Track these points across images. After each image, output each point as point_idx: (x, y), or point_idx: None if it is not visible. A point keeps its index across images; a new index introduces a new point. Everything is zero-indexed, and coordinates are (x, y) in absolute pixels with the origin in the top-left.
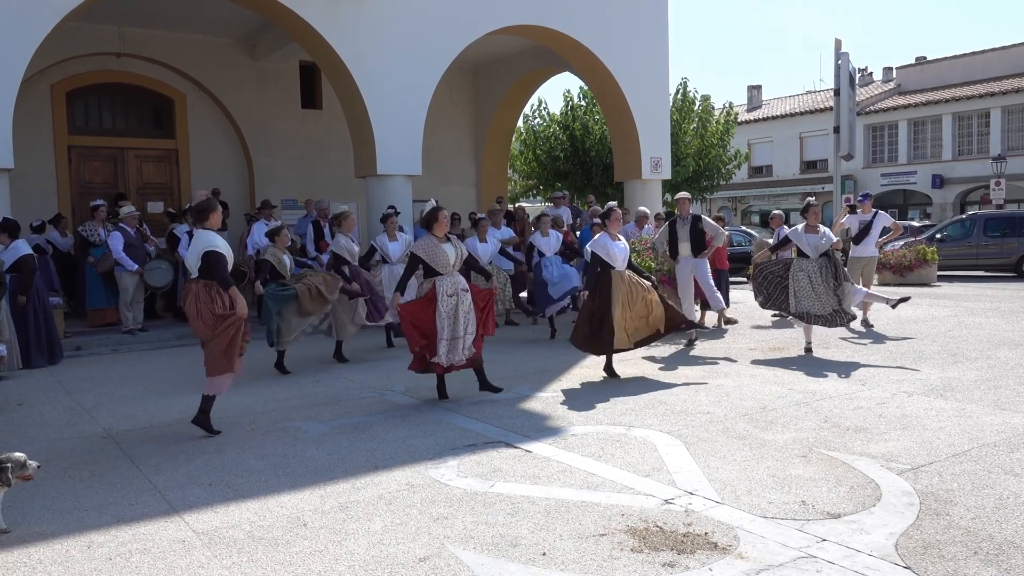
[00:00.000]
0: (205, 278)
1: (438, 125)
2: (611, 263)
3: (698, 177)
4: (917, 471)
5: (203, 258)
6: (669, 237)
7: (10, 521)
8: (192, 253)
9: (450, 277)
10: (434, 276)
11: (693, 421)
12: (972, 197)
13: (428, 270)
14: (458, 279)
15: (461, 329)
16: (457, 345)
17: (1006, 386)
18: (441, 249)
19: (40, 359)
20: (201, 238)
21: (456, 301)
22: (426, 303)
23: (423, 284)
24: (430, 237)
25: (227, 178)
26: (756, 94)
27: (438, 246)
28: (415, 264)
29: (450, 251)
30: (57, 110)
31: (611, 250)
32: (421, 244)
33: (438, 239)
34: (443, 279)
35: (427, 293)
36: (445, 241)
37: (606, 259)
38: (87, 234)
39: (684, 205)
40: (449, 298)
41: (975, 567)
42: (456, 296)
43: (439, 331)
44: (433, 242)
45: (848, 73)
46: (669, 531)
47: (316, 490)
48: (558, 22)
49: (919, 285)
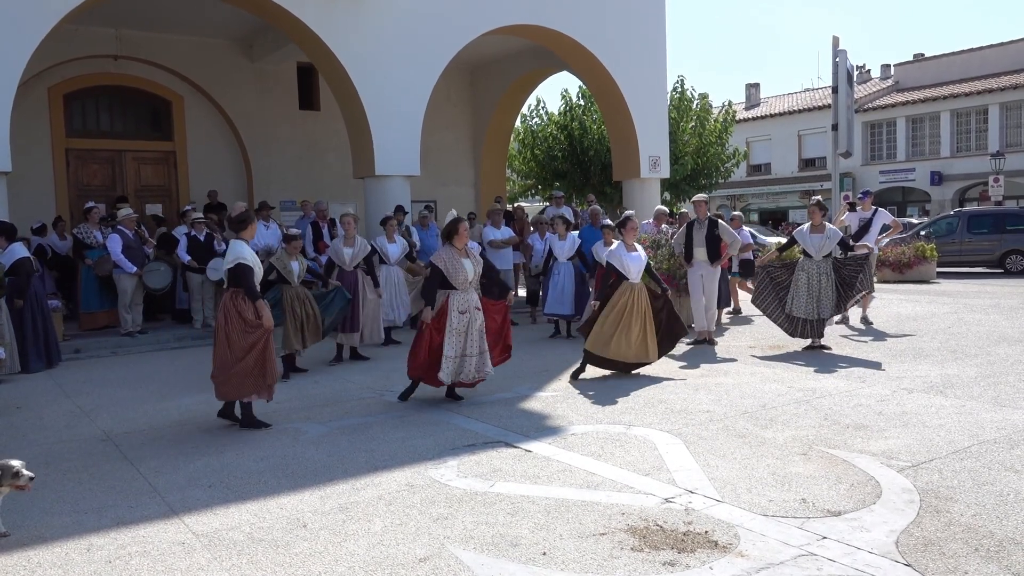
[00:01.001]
0: (234, 287)
1: (436, 125)
2: (625, 274)
3: (696, 175)
4: (917, 468)
5: (232, 269)
6: (685, 240)
7: (9, 524)
8: (224, 263)
9: (464, 293)
10: (448, 290)
11: (693, 419)
12: (971, 194)
13: (442, 283)
14: (472, 296)
15: (471, 348)
16: (465, 364)
17: (1006, 383)
18: (460, 264)
19: (38, 363)
20: (234, 249)
21: (468, 319)
22: (439, 318)
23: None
24: (451, 249)
25: (225, 180)
26: (754, 92)
27: (458, 260)
28: (436, 275)
29: (468, 267)
30: (55, 113)
31: (626, 262)
32: (442, 255)
33: (458, 252)
34: (456, 294)
35: (439, 307)
36: (465, 256)
37: (621, 270)
38: (83, 236)
39: (701, 208)
40: (461, 315)
41: (976, 564)
42: (468, 313)
43: (445, 347)
44: (453, 255)
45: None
46: (669, 530)
47: (316, 491)
48: (555, 21)
49: (918, 282)
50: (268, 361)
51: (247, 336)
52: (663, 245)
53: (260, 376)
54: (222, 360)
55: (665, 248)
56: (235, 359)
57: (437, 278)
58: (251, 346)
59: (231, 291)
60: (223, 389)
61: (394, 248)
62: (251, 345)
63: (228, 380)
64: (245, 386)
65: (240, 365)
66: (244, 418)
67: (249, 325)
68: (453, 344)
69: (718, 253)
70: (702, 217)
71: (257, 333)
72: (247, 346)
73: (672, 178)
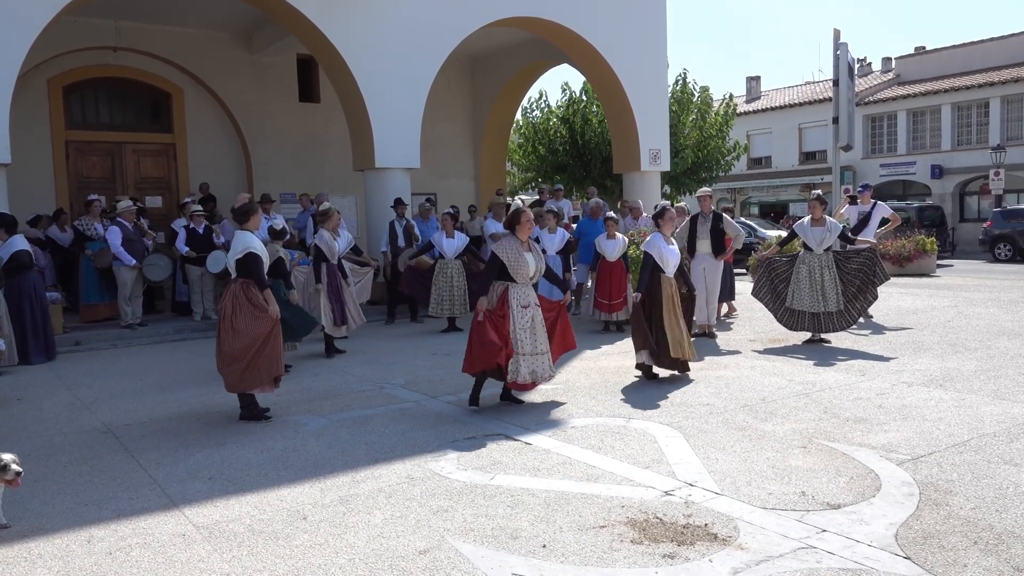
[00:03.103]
0: (244, 277)
1: (436, 118)
2: (663, 267)
3: (697, 169)
4: (917, 461)
5: (242, 259)
6: (689, 233)
7: (10, 516)
8: (232, 254)
9: (524, 288)
10: (507, 282)
11: (693, 412)
12: (971, 187)
13: (502, 274)
14: (531, 292)
15: (543, 344)
16: (541, 361)
17: (1006, 376)
18: (523, 257)
19: (39, 356)
20: (240, 239)
21: (531, 313)
22: (497, 310)
23: (494, 286)
24: (514, 240)
25: (225, 172)
26: (755, 85)
27: (521, 254)
28: (495, 265)
29: (531, 262)
30: (54, 105)
31: (665, 254)
32: (504, 246)
33: (522, 245)
34: (516, 288)
35: (498, 300)
36: (528, 249)
37: (659, 262)
38: (83, 228)
39: (705, 202)
40: (523, 309)
41: (975, 557)
42: (531, 308)
43: (517, 344)
44: (517, 248)
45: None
46: (669, 522)
47: (316, 483)
48: (556, 14)
49: (918, 275)
50: (277, 352)
51: (258, 325)
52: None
53: (269, 367)
54: (233, 351)
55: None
56: (247, 349)
57: (495, 269)
58: (263, 335)
59: (240, 281)
60: (236, 381)
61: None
62: (263, 334)
63: (244, 371)
64: (259, 378)
65: (253, 355)
66: (246, 410)
67: (260, 312)
68: (523, 341)
69: (723, 246)
70: (706, 211)
71: (267, 322)
72: (259, 335)
73: (672, 171)
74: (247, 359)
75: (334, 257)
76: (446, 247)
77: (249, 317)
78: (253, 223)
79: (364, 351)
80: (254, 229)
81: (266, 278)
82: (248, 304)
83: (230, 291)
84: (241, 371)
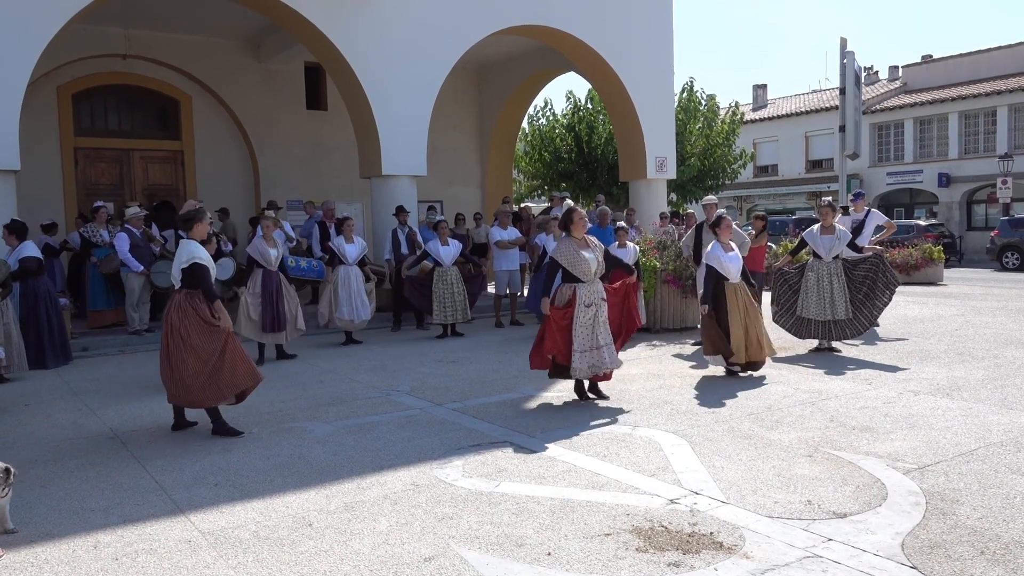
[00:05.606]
0: (189, 288)
1: (443, 125)
2: (725, 275)
3: (703, 177)
4: (923, 471)
5: (187, 269)
6: (695, 241)
7: (17, 521)
8: (176, 263)
9: (591, 284)
10: (574, 282)
11: (698, 420)
12: (978, 196)
13: (566, 275)
14: (598, 287)
15: (604, 338)
16: (602, 355)
17: (1013, 385)
18: (581, 256)
19: (55, 360)
20: (185, 249)
21: (595, 311)
22: (566, 310)
23: (562, 289)
24: (569, 240)
25: (232, 179)
26: (761, 93)
27: (578, 253)
28: (555, 270)
29: (590, 257)
30: (63, 112)
31: (725, 263)
32: (561, 249)
33: (577, 243)
34: (583, 287)
35: (567, 300)
36: (584, 246)
37: (720, 271)
38: (89, 235)
39: (711, 210)
40: (587, 308)
41: (982, 567)
42: (595, 306)
43: (574, 341)
44: (572, 247)
45: (854, 72)
46: (674, 531)
47: (321, 490)
48: (562, 22)
49: (926, 284)
50: (235, 365)
51: (210, 340)
52: (668, 246)
53: (233, 380)
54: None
55: (672, 248)
56: (204, 365)
57: (554, 273)
58: (218, 350)
59: (185, 292)
60: (198, 397)
61: (352, 248)
62: (217, 349)
63: (204, 388)
64: (219, 394)
65: (210, 371)
66: (216, 423)
67: (210, 326)
68: (581, 338)
69: None
70: (711, 219)
71: (220, 335)
72: (213, 350)
73: (679, 179)
74: (204, 375)
75: (271, 264)
76: (442, 254)
77: (200, 332)
78: (198, 232)
79: (370, 358)
80: (199, 238)
81: (215, 289)
82: (197, 318)
83: (174, 302)
84: (201, 387)
